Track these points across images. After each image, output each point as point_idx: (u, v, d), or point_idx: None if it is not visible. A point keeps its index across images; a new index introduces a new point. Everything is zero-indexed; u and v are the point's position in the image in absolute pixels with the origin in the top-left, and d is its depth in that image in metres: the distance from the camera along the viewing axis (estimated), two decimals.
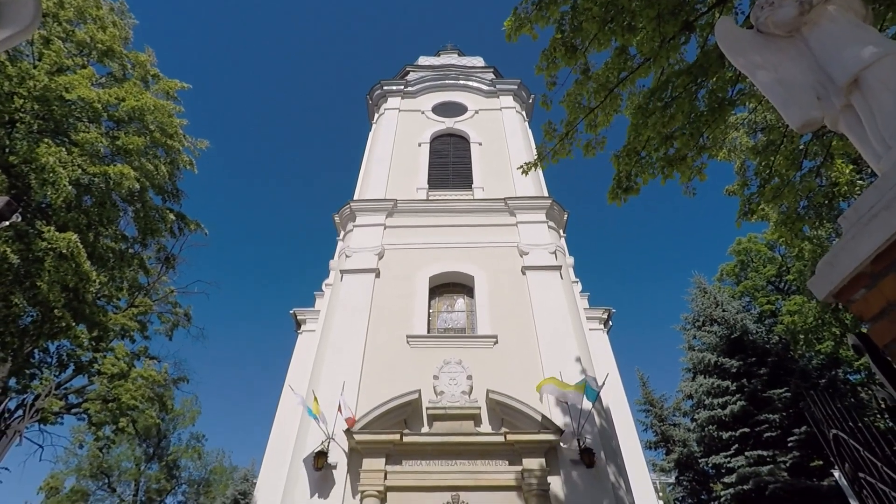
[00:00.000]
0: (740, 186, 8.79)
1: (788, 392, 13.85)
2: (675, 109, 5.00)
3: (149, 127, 9.94)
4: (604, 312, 16.70)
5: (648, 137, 5.72)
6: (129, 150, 9.34)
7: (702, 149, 6.01)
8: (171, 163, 10.21)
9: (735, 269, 23.38)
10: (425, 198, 14.11)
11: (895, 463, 2.38)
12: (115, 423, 12.87)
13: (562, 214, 13.76)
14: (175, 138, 10.00)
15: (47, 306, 7.69)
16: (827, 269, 2.03)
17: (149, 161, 9.79)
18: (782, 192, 6.32)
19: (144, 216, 9.48)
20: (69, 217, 8.37)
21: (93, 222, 8.94)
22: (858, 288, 1.94)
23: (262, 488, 12.90)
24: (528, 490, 7.78)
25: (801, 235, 10.67)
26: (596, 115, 5.55)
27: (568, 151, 5.71)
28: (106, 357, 13.20)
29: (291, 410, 10.72)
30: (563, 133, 5.64)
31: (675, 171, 5.47)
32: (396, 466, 8.15)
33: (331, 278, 12.69)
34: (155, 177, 9.58)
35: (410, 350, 10.06)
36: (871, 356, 1.93)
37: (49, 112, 8.62)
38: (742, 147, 9.60)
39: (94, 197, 9.07)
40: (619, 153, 5.95)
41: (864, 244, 1.86)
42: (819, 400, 3.12)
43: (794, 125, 2.44)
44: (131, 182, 8.80)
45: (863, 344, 2.00)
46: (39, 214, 8.94)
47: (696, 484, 16.86)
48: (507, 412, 8.60)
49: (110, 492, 26.97)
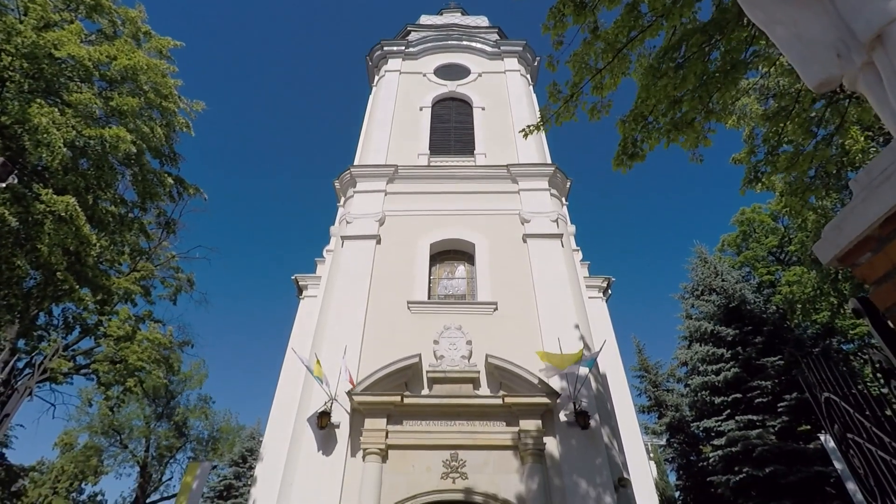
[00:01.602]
0: (747, 154, 8.63)
1: (782, 360, 14.10)
2: (687, 71, 4.81)
3: (142, 87, 9.67)
4: (603, 281, 16.81)
5: (656, 101, 5.55)
6: (124, 112, 9.12)
7: (710, 113, 5.84)
8: (167, 125, 9.99)
9: (737, 239, 23.35)
10: (426, 164, 13.90)
11: (884, 424, 2.45)
12: (122, 383, 13.23)
13: (564, 182, 13.60)
14: (170, 99, 9.75)
15: (50, 269, 7.74)
16: (834, 233, 2.01)
17: (144, 123, 9.59)
18: (797, 160, 6.19)
19: (142, 180, 9.38)
20: (67, 180, 8.28)
21: (91, 186, 8.85)
22: (864, 251, 1.93)
23: (269, 446, 13.40)
24: (524, 449, 8.07)
25: (807, 205, 10.58)
26: (603, 76, 5.36)
27: (572, 114, 5.55)
28: (111, 320, 13.42)
29: (295, 373, 10.99)
30: (568, 95, 5.46)
31: (682, 136, 5.33)
32: (397, 426, 8.42)
33: (332, 244, 12.70)
34: (151, 139, 9.40)
35: (411, 316, 10.19)
36: (871, 319, 1.94)
37: (39, 71, 8.36)
38: (752, 114, 9.35)
39: (91, 160, 8.94)
40: (625, 118, 5.79)
41: (873, 206, 1.83)
42: (813, 365, 3.17)
43: (812, 84, 2.34)
44: (127, 145, 8.65)
45: (863, 308, 2.01)
46: (37, 177, 8.84)
47: (686, 446, 17.47)
48: (506, 376, 8.80)
49: (122, 448, 28.12)
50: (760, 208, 22.81)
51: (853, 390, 2.70)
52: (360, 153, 14.70)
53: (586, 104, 5.71)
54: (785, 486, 12.24)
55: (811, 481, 12.15)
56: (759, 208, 22.82)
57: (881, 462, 2.43)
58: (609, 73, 5.34)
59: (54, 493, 28.80)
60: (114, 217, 9.25)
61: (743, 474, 12.86)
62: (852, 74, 2.46)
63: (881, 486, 2.51)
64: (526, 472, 7.89)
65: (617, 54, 5.41)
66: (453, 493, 7.81)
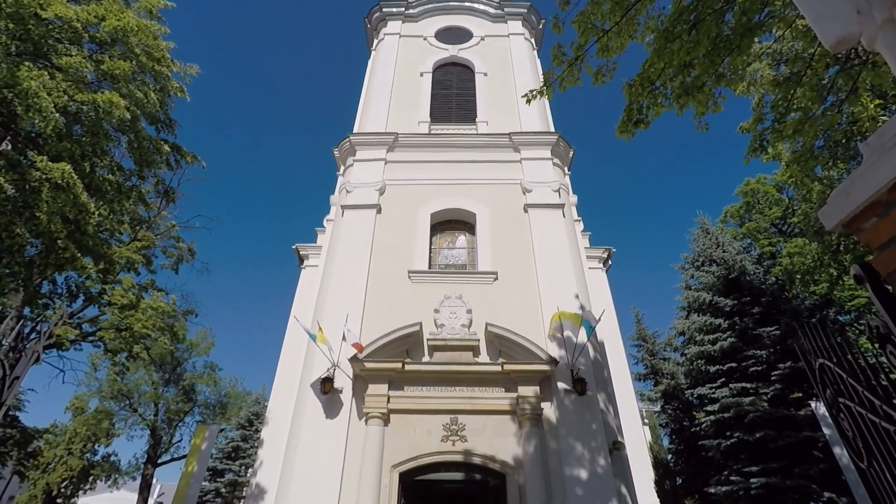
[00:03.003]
0: (753, 121, 8.43)
1: (778, 330, 14.27)
2: (701, 34, 4.62)
3: (134, 50, 9.36)
4: (604, 252, 16.81)
5: (665, 65, 5.37)
6: (116, 76, 8.87)
7: (720, 78, 5.66)
8: (161, 90, 9.73)
9: (740, 210, 23.20)
10: (427, 132, 13.65)
11: (876, 389, 2.50)
12: (129, 350, 13.48)
13: (567, 151, 13.38)
14: (163, 63, 9.45)
15: (50, 237, 7.73)
16: (841, 197, 1.97)
17: (138, 88, 9.34)
18: (803, 126, 6.03)
19: (138, 147, 9.22)
20: (62, 147, 8.14)
21: (86, 153, 8.71)
22: (870, 216, 1.90)
23: (274, 410, 13.80)
24: (521, 414, 8.30)
25: (812, 175, 10.42)
26: (609, 38, 5.15)
27: (576, 78, 5.36)
28: (115, 289, 13.54)
29: (298, 340, 11.17)
30: (573, 58, 5.26)
31: (691, 102, 5.17)
32: (398, 392, 8.63)
33: (332, 214, 12.64)
34: (145, 105, 9.18)
35: (412, 285, 10.25)
36: (872, 285, 1.94)
37: (26, 32, 8.07)
38: (763, 80, 9.07)
39: (85, 126, 8.77)
40: (631, 82, 5.61)
41: (884, 170, 1.79)
42: (810, 332, 3.20)
43: (829, 42, 2.25)
44: (121, 111, 8.45)
45: (864, 273, 2.00)
46: (31, 144, 8.70)
47: (680, 412, 17.95)
48: (505, 344, 8.94)
49: (132, 411, 29.02)
50: (765, 179, 22.56)
51: (847, 357, 2.74)
52: (359, 120, 14.41)
53: (591, 68, 5.52)
54: (774, 450, 12.64)
55: (799, 446, 12.54)
56: (764, 179, 22.57)
57: (870, 424, 2.49)
58: (616, 35, 5.13)
59: (69, 453, 29.94)
60: (111, 185, 9.15)
61: (734, 439, 13.26)
62: (871, 32, 2.36)
63: (868, 448, 2.59)
64: (523, 436, 8.14)
65: (625, 14, 5.19)
66: (453, 455, 8.09)
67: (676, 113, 5.25)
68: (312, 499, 7.55)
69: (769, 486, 12.24)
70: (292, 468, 7.96)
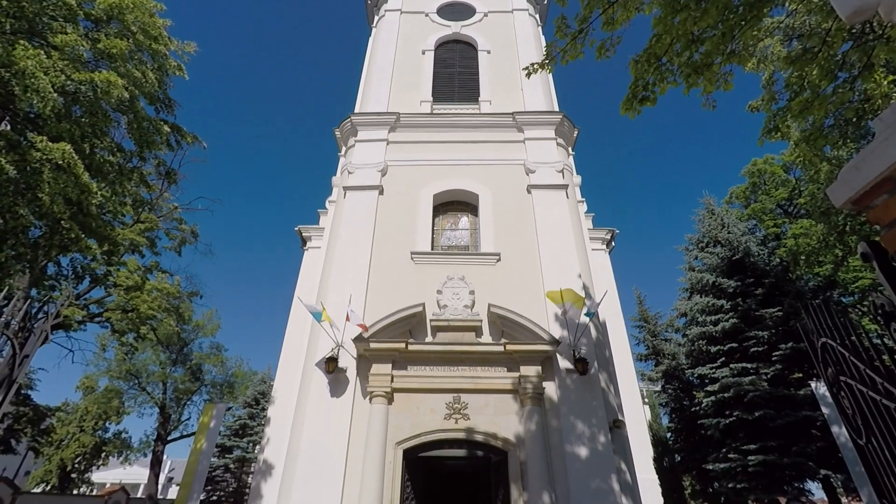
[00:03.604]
0: (766, 101, 8.23)
1: (781, 311, 14.29)
2: (709, 3, 4.47)
3: (130, 28, 9.20)
4: (607, 233, 16.73)
5: (673, 40, 5.22)
6: (113, 55, 8.74)
7: (731, 55, 5.51)
8: (159, 69, 9.59)
9: (746, 191, 22.96)
10: (429, 111, 13.45)
11: (878, 367, 2.51)
12: (136, 331, 13.67)
13: (572, 131, 13.18)
14: (160, 41, 9.29)
15: (54, 219, 7.75)
16: (851, 174, 1.94)
17: (135, 67, 9.21)
18: (812, 104, 5.88)
19: (138, 128, 9.15)
20: (61, 128, 8.09)
21: (86, 134, 8.66)
22: (880, 193, 1.87)
23: (279, 389, 14.02)
24: (523, 393, 8.41)
25: (821, 155, 10.26)
26: (615, 10, 5.00)
27: (579, 52, 5.22)
28: (120, 270, 13.64)
29: (302, 321, 11.27)
30: (577, 30, 5.11)
31: (700, 80, 5.04)
32: (402, 371, 8.74)
33: (334, 195, 12.59)
34: (144, 85, 9.07)
35: (415, 266, 10.27)
36: (879, 263, 1.93)
37: (20, 9, 7.93)
38: (774, 56, 8.84)
39: (84, 107, 8.69)
40: (637, 58, 5.47)
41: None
42: (813, 312, 3.20)
43: (845, 13, 2.17)
44: (120, 90, 8.36)
45: (872, 251, 1.98)
46: (30, 125, 8.65)
47: (680, 392, 18.15)
48: (508, 325, 8.99)
49: (141, 390, 29.62)
50: (773, 159, 22.25)
51: (852, 337, 2.74)
52: (360, 100, 14.20)
53: (594, 42, 5.37)
54: (773, 428, 12.81)
55: (798, 424, 12.70)
56: (772, 159, 22.26)
57: (871, 402, 2.51)
58: (622, 7, 4.97)
59: (81, 431, 30.74)
60: (112, 166, 9.12)
61: (733, 417, 13.43)
62: (890, 3, 2.28)
63: (867, 424, 2.62)
64: (525, 414, 8.27)
65: None
66: (455, 433, 8.24)
67: (684, 92, 5.12)
68: (318, 474, 7.74)
69: (767, 463, 12.45)
70: (298, 445, 8.13)
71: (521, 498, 7.62)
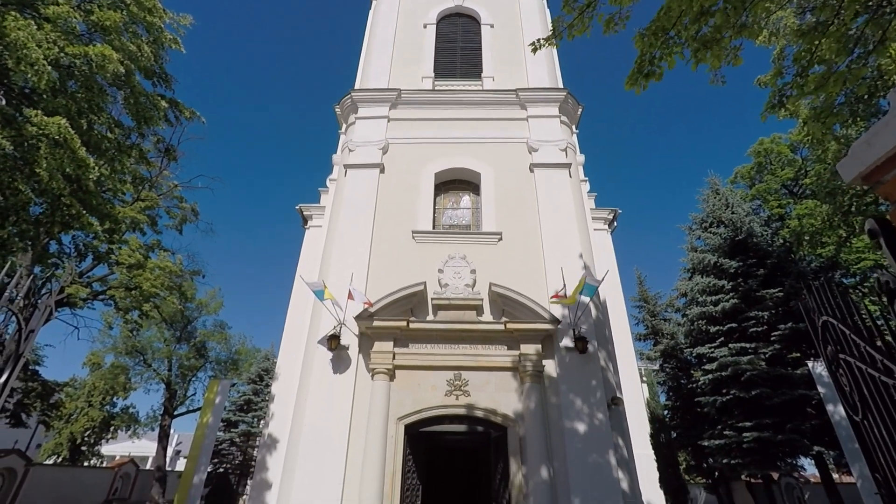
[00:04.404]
0: (774, 76, 8.04)
1: (782, 292, 14.30)
2: None
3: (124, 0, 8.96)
4: (609, 213, 16.62)
5: (682, 12, 5.05)
6: (107, 28, 8.53)
7: (741, 28, 5.34)
8: (155, 42, 9.36)
9: (751, 171, 22.70)
10: (431, 87, 13.20)
11: (878, 345, 2.52)
12: (139, 308, 13.78)
13: (576, 108, 12.95)
14: (154, 13, 9.04)
15: (53, 195, 7.71)
16: (862, 148, 1.90)
17: (130, 40, 9.01)
18: (827, 81, 5.72)
19: (135, 103, 9.00)
20: (57, 103, 7.97)
21: (82, 109, 8.53)
22: (891, 168, 1.83)
23: (283, 366, 14.22)
24: (523, 371, 8.51)
25: (830, 133, 10.07)
26: None
27: (586, 27, 5.07)
28: (121, 249, 13.67)
29: (304, 299, 11.34)
30: (584, 4, 4.95)
31: (709, 55, 4.90)
32: (403, 349, 8.84)
33: (335, 173, 12.48)
34: (139, 58, 8.87)
35: (416, 245, 10.26)
36: (886, 239, 1.90)
37: None
38: (787, 30, 8.58)
39: (79, 81, 8.54)
40: (644, 31, 5.30)
41: None
42: (815, 290, 3.20)
43: None
44: (115, 64, 8.19)
45: (879, 227, 1.96)
46: (25, 101, 8.52)
47: (678, 371, 18.35)
48: (508, 304, 9.03)
49: (146, 367, 30.11)
50: (780, 139, 21.91)
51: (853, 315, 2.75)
52: (360, 76, 13.92)
53: (602, 16, 5.21)
54: (769, 407, 12.99)
55: (794, 403, 12.87)
56: (779, 139, 21.92)
57: (869, 378, 2.54)
58: None
59: (89, 405, 31.41)
60: (111, 143, 9.02)
61: (730, 396, 13.61)
62: None
63: (864, 401, 2.66)
64: (525, 391, 8.39)
65: None
66: (456, 408, 8.38)
67: (692, 67, 4.98)
68: (322, 448, 7.92)
69: (761, 440, 12.68)
70: (302, 420, 8.29)
71: (520, 471, 7.81)
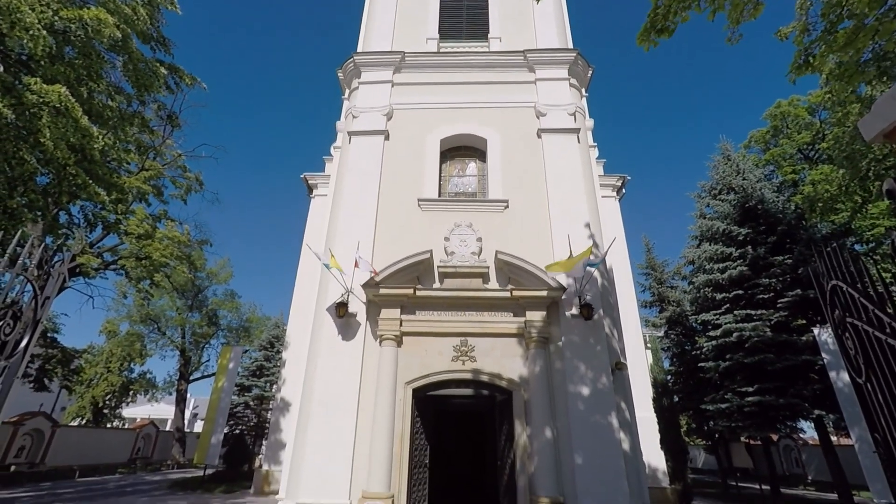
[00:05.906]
0: (800, 32, 7.62)
1: (791, 259, 14.17)
2: None
3: None
4: (618, 180, 16.34)
5: None
6: None
7: None
8: (150, 3, 9.08)
9: (766, 135, 22.04)
10: (436, 49, 12.77)
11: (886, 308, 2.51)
12: (150, 278, 14.02)
13: (586, 70, 12.50)
14: None
15: (59, 165, 7.71)
16: (887, 104, 1.81)
17: (125, 3, 8.74)
18: (856, 37, 5.40)
19: (134, 69, 8.83)
20: (55, 70, 7.84)
21: (81, 77, 8.39)
22: None
23: (292, 333, 14.52)
24: (528, 337, 8.62)
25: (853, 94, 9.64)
26: None
27: None
28: (129, 219, 13.77)
29: (311, 267, 11.45)
30: None
31: (727, 3, 4.63)
32: (410, 316, 8.96)
33: (339, 140, 12.30)
34: (135, 22, 8.63)
35: (422, 213, 10.21)
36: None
37: None
38: None
39: (76, 48, 8.36)
40: None
41: None
42: (826, 255, 3.15)
43: None
44: (111, 29, 7.98)
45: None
46: (23, 69, 8.38)
47: (683, 337, 18.53)
48: (514, 271, 9.05)
49: (161, 334, 30.96)
50: (798, 101, 21.12)
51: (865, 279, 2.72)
52: (363, 38, 13.46)
53: None
54: (771, 372, 13.15)
55: (797, 368, 13.01)
56: (797, 101, 21.13)
57: (875, 341, 2.54)
58: None
59: (108, 371, 32.57)
60: (112, 111, 8.92)
61: (733, 361, 13.77)
62: None
63: (869, 363, 2.68)
64: (530, 357, 8.53)
65: None
66: (462, 373, 8.57)
67: (709, 17, 4.72)
68: (333, 410, 8.19)
69: (762, 404, 12.91)
70: (313, 384, 8.54)
71: (525, 432, 8.05)
